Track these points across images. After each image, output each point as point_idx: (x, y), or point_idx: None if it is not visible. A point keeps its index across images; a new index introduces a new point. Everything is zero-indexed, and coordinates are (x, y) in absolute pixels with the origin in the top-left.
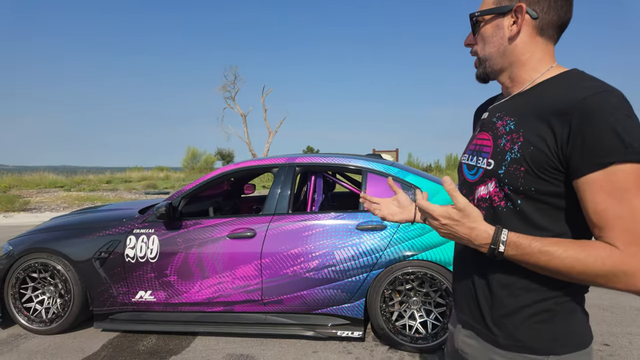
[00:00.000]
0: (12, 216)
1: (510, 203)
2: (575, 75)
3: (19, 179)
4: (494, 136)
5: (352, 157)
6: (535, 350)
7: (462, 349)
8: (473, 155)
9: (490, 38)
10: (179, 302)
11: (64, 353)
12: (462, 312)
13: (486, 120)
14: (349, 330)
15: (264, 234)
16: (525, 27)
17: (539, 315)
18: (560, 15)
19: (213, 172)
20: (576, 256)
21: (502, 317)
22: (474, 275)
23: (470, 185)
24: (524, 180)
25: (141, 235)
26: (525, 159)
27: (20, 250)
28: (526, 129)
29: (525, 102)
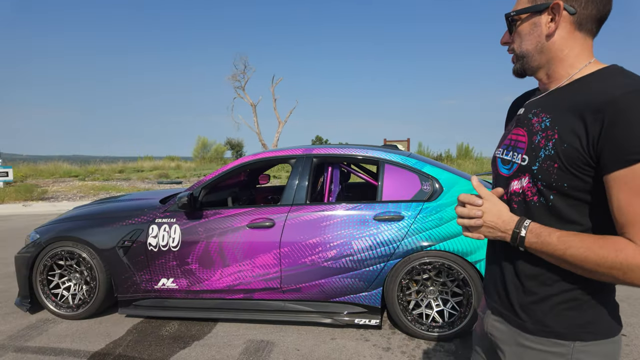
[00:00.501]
0: (31, 205)
1: (542, 198)
2: (614, 72)
3: (35, 168)
4: (529, 132)
5: (369, 148)
6: (562, 335)
7: (492, 332)
8: (508, 150)
9: (528, 35)
10: (200, 290)
11: (91, 337)
12: (492, 299)
13: (522, 116)
14: (366, 318)
15: (282, 223)
16: (563, 23)
17: (567, 303)
18: (599, 9)
19: (232, 163)
20: (591, 246)
21: (530, 304)
22: (503, 265)
23: (505, 179)
24: (557, 176)
25: (163, 224)
26: (558, 156)
27: (47, 238)
28: (561, 126)
29: (562, 98)
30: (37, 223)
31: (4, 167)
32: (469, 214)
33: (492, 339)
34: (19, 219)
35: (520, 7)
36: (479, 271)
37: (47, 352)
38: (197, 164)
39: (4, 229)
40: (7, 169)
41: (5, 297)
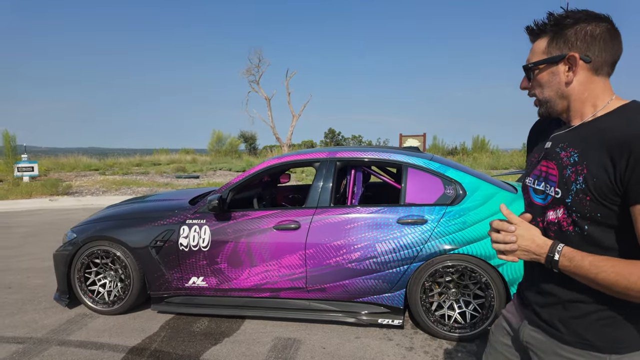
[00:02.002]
0: (57, 200)
1: (577, 228)
2: (636, 108)
3: (56, 161)
4: (559, 166)
5: (392, 152)
6: (599, 348)
7: (529, 341)
8: (540, 181)
9: (548, 83)
10: (228, 288)
11: (128, 332)
12: (530, 311)
13: (550, 150)
14: (389, 319)
15: (307, 226)
16: (581, 71)
17: (604, 320)
18: (612, 54)
19: (259, 166)
20: (621, 272)
21: (570, 318)
22: (542, 281)
23: (540, 208)
24: (590, 207)
25: (194, 225)
26: (589, 190)
27: (84, 238)
28: (590, 161)
29: (588, 134)
30: (64, 217)
31: (29, 162)
32: (504, 240)
33: (529, 347)
34: (46, 213)
35: (536, 59)
36: (501, 274)
37: (88, 346)
38: (212, 157)
39: (34, 223)
40: (33, 164)
41: (44, 292)
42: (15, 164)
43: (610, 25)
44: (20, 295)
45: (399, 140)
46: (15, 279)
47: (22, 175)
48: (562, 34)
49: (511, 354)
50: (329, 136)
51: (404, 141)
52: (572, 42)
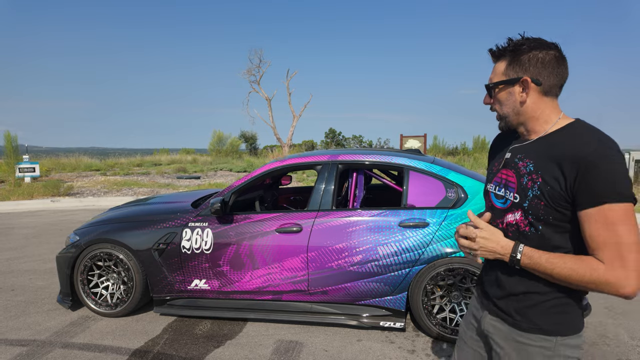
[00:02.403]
0: (59, 200)
1: (533, 228)
2: (580, 127)
3: (57, 161)
4: (517, 174)
5: (394, 155)
6: (548, 332)
7: (489, 330)
8: (500, 187)
9: (505, 101)
10: (231, 291)
11: (131, 335)
12: (490, 302)
13: (509, 160)
14: (391, 321)
15: (310, 229)
16: (532, 92)
17: (551, 308)
18: (559, 78)
19: (261, 169)
20: (572, 267)
21: (524, 308)
22: (500, 276)
23: (500, 211)
24: (544, 211)
25: (196, 228)
26: (544, 196)
27: (87, 240)
28: (544, 171)
29: (541, 148)
30: (66, 218)
31: (31, 163)
32: (469, 246)
33: (488, 335)
34: (49, 214)
35: (496, 79)
36: None
37: (91, 348)
38: (213, 157)
39: (36, 224)
40: (34, 165)
41: (46, 294)
42: (17, 164)
43: (558, 52)
44: (23, 298)
45: (400, 141)
46: (19, 281)
47: (23, 176)
48: (518, 59)
49: (477, 345)
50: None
51: (405, 142)
52: (526, 66)
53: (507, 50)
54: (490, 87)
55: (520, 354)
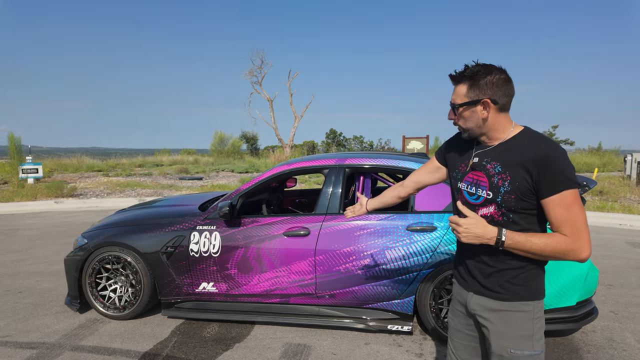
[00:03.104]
0: (62, 202)
1: (505, 217)
2: (532, 135)
3: (59, 162)
4: (487, 175)
5: (401, 158)
6: (528, 298)
7: (475, 309)
8: (472, 186)
9: (469, 118)
10: (238, 294)
11: (139, 337)
12: (472, 284)
13: (477, 163)
14: (398, 325)
15: (317, 232)
16: (492, 110)
17: (527, 278)
18: (509, 96)
19: (267, 173)
20: (546, 241)
21: (505, 281)
22: (479, 259)
23: (473, 206)
24: (515, 203)
25: (204, 231)
26: (514, 191)
27: (95, 243)
28: (511, 171)
29: (504, 152)
30: (70, 220)
31: (34, 164)
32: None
33: (475, 313)
34: (52, 216)
35: (459, 100)
36: None
37: (101, 351)
38: (214, 158)
39: (41, 226)
40: (37, 166)
41: (54, 296)
42: (20, 165)
43: (505, 74)
44: (31, 300)
45: (402, 143)
46: (26, 283)
47: (27, 177)
48: (477, 83)
49: (467, 327)
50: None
51: (407, 143)
52: (484, 89)
53: (465, 75)
54: (455, 107)
55: (507, 321)
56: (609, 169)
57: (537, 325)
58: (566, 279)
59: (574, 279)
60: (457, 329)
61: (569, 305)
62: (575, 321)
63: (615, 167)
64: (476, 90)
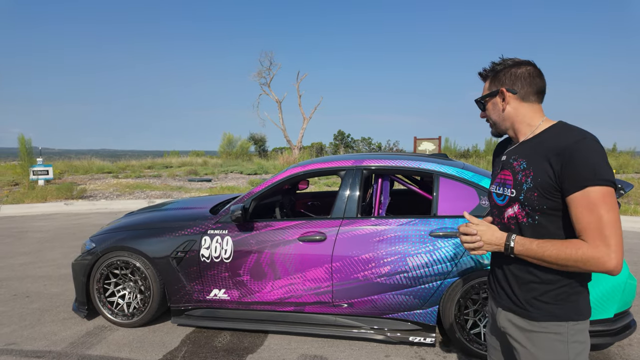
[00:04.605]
0: (72, 203)
1: (530, 219)
2: (562, 127)
3: (69, 164)
4: (513, 172)
5: (421, 159)
6: (561, 317)
7: (504, 325)
8: (499, 186)
9: (492, 111)
10: (251, 301)
11: (148, 347)
12: (501, 299)
13: (505, 161)
14: (420, 336)
15: (334, 238)
16: (511, 100)
17: (560, 295)
18: (533, 87)
19: (281, 175)
20: (560, 247)
21: (533, 298)
22: (508, 272)
23: (500, 208)
24: (538, 201)
25: (215, 236)
26: (536, 187)
27: (103, 248)
28: (535, 166)
29: (530, 147)
30: (79, 222)
31: (45, 166)
32: (471, 240)
33: (504, 331)
34: (62, 218)
35: (483, 94)
36: None
37: None
38: (223, 159)
39: (50, 228)
40: (48, 168)
41: (61, 301)
42: (31, 167)
43: (530, 66)
44: (38, 305)
45: (414, 144)
46: (33, 287)
47: (37, 178)
48: (496, 77)
49: (499, 344)
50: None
51: (419, 144)
52: (503, 80)
53: (489, 71)
54: (478, 101)
55: (535, 343)
56: (627, 170)
57: (574, 350)
58: (603, 289)
59: (612, 289)
60: (493, 347)
61: (606, 317)
62: (613, 335)
63: (633, 169)
64: (496, 82)
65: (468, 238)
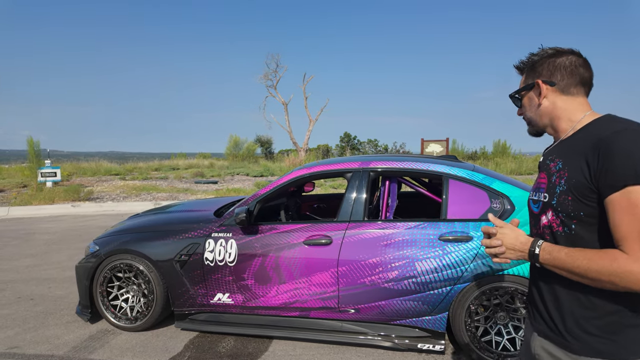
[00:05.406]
0: (79, 205)
1: (566, 228)
2: (607, 119)
3: (77, 166)
4: (548, 174)
5: (430, 161)
6: (605, 355)
7: (539, 353)
8: (536, 192)
9: (528, 106)
10: (255, 306)
11: (151, 352)
12: (538, 323)
13: (542, 163)
14: (429, 344)
15: (340, 241)
16: (549, 94)
17: (609, 326)
18: (575, 78)
19: (287, 176)
20: (592, 258)
21: (575, 327)
22: (546, 293)
23: (536, 216)
24: (573, 207)
25: (219, 239)
26: (570, 190)
27: (107, 250)
28: (570, 165)
29: (569, 145)
30: (86, 224)
31: (53, 168)
32: (491, 244)
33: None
34: (69, 219)
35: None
36: None
37: None
38: (229, 161)
39: (57, 230)
40: (56, 170)
41: (65, 304)
42: (39, 169)
43: (574, 56)
44: (42, 308)
45: (421, 146)
46: (38, 289)
47: (45, 180)
48: (533, 68)
49: None
50: (345, 140)
51: (426, 146)
52: (539, 72)
53: (525, 63)
54: (512, 97)
55: None
56: None
57: None
58: None
59: None
60: None
61: None
62: None
63: None
64: (532, 75)
65: (488, 242)
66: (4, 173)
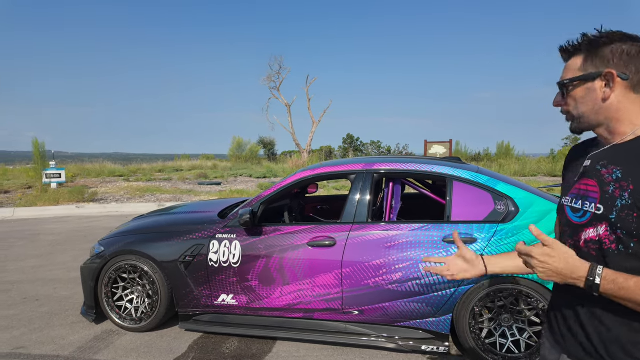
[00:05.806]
0: (83, 207)
1: (622, 246)
2: None
3: (82, 167)
4: (600, 183)
5: (434, 163)
6: None
7: None
8: (577, 199)
9: (583, 99)
10: (259, 307)
11: (156, 352)
12: (569, 344)
13: (589, 168)
14: (434, 345)
15: (344, 243)
16: (618, 88)
17: None
18: None
19: (290, 178)
20: None
21: (619, 351)
22: (580, 311)
23: (576, 227)
24: (637, 224)
25: (224, 240)
26: (637, 205)
27: (112, 251)
28: (635, 177)
29: (628, 151)
30: (90, 225)
31: (57, 169)
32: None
33: None
34: (74, 220)
35: (571, 75)
36: None
37: None
38: (232, 163)
39: (62, 231)
40: (60, 171)
41: (70, 305)
42: (44, 170)
43: None
44: (47, 308)
45: (424, 147)
46: (43, 290)
47: (50, 182)
48: (598, 52)
49: None
50: (348, 142)
51: (429, 148)
52: (609, 59)
53: (582, 44)
54: (564, 85)
55: None
56: None
57: None
58: None
59: None
60: None
61: None
62: None
63: None
64: (597, 61)
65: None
66: (10, 174)
